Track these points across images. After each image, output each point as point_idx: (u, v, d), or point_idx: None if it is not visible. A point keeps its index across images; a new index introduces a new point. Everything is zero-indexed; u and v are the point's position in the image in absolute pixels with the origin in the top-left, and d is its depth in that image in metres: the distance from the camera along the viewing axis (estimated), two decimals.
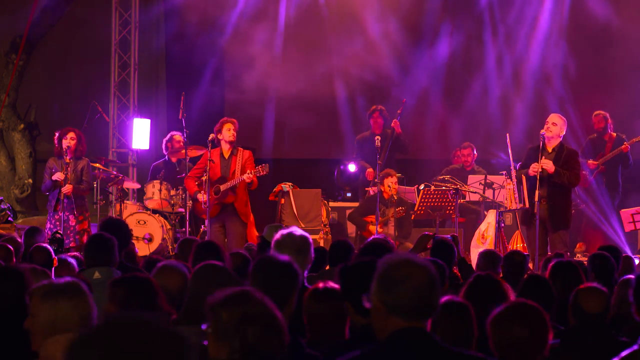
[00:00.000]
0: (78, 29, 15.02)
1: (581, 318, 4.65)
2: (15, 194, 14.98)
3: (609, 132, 12.47)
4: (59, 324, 3.51)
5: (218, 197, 10.50)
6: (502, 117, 14.03)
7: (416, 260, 2.96)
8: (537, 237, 9.65)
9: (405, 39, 14.41)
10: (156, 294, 4.31)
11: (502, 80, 14.27)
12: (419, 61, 14.49)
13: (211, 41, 14.42)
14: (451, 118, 14.40)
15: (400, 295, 2.89)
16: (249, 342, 2.95)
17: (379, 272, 2.93)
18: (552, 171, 9.66)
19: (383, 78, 14.38)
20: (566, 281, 5.47)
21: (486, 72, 14.38)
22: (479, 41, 14.39)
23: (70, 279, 3.69)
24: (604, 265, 6.41)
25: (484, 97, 14.36)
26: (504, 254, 7.56)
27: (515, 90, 14.27)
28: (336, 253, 6.34)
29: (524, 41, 14.27)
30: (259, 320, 2.97)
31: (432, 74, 14.46)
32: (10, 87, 14.52)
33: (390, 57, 14.38)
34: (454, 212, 11.02)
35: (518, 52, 14.32)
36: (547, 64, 14.29)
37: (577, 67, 14.08)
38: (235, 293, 3.02)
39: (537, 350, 3.54)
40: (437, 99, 14.45)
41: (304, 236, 5.10)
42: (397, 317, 2.90)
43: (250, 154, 10.64)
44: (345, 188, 13.30)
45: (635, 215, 11.64)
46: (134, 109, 14.55)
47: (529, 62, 14.29)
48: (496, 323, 3.57)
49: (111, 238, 5.93)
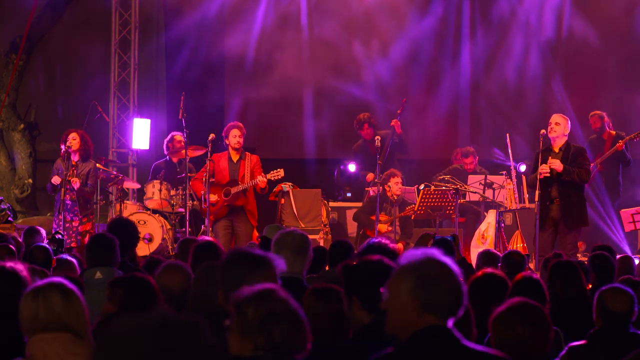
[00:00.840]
0: (78, 29, 15.02)
1: (607, 318, 4.67)
2: (15, 194, 14.98)
3: (607, 130, 12.44)
4: (41, 322, 3.48)
5: (228, 199, 10.65)
6: (502, 117, 14.01)
7: (444, 259, 2.99)
8: (537, 237, 9.64)
9: (406, 39, 14.41)
10: (155, 294, 4.31)
11: (503, 80, 14.26)
12: (420, 61, 14.49)
13: (211, 41, 14.41)
14: (452, 118, 14.40)
15: (441, 293, 2.91)
16: (275, 340, 2.98)
17: (415, 270, 2.93)
18: (560, 170, 9.66)
19: (383, 78, 14.38)
20: (566, 281, 5.47)
21: (486, 72, 14.37)
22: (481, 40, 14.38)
23: (58, 278, 3.68)
24: (604, 265, 6.41)
25: (484, 96, 14.35)
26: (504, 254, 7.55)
27: (516, 90, 14.25)
28: (336, 253, 6.34)
29: (524, 40, 14.26)
30: (284, 318, 3.00)
31: (432, 74, 14.45)
32: (10, 87, 14.52)
33: (391, 57, 14.38)
34: (454, 212, 11.01)
35: (519, 52, 14.31)
36: (547, 62, 14.29)
37: (578, 67, 14.09)
38: (260, 290, 3.04)
39: (539, 349, 3.54)
40: (438, 99, 14.44)
41: (303, 235, 5.11)
42: (431, 315, 2.91)
43: (257, 158, 10.88)
44: (345, 188, 13.30)
45: (635, 215, 11.63)
46: (134, 109, 14.55)
47: (530, 61, 14.28)
48: (498, 322, 3.57)
49: (113, 238, 5.93)
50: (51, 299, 3.50)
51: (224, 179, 10.78)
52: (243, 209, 10.80)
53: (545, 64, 14.25)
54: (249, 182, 10.67)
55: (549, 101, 13.77)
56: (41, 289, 3.52)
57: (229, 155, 10.85)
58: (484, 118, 14.29)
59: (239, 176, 10.75)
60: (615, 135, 12.32)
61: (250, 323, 2.99)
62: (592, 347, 4.54)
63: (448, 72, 14.46)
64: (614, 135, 12.32)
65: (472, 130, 14.09)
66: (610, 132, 12.41)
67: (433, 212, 11.29)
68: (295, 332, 3.00)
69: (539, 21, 14.20)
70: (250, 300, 3.01)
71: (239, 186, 10.68)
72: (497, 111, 14.13)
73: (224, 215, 10.78)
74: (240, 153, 10.86)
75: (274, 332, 2.97)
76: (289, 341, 2.99)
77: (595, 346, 4.55)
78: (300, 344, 3.02)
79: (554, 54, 14.23)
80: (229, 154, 10.85)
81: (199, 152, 11.76)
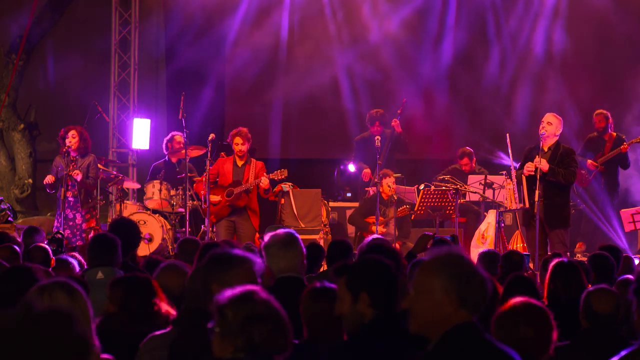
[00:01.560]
0: (78, 29, 15.02)
1: (592, 319, 4.65)
2: (15, 194, 14.98)
3: (609, 131, 12.42)
4: None
5: (230, 199, 10.69)
6: (502, 117, 14.01)
7: (466, 254, 3.06)
8: (537, 237, 9.65)
9: (407, 39, 14.42)
10: (154, 293, 4.31)
11: (503, 79, 14.26)
12: (421, 61, 14.49)
13: (211, 40, 14.41)
14: (452, 118, 14.40)
15: (475, 288, 2.95)
16: (254, 341, 2.98)
17: (446, 266, 2.96)
18: (546, 170, 9.67)
19: (383, 78, 14.38)
20: (567, 281, 5.47)
21: (487, 71, 14.36)
22: (482, 40, 14.38)
23: (63, 277, 3.69)
24: (604, 265, 6.41)
25: (484, 97, 14.35)
26: (504, 254, 7.56)
27: (516, 90, 14.25)
28: (335, 253, 6.34)
29: (525, 39, 14.27)
30: (264, 320, 3.00)
31: (432, 72, 14.45)
32: (10, 87, 14.53)
33: (392, 57, 14.38)
34: (454, 212, 11.01)
35: (520, 50, 14.31)
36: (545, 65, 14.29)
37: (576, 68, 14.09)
38: (241, 292, 3.04)
39: (542, 350, 3.54)
40: (438, 99, 14.44)
41: (289, 232, 5.13)
42: (465, 310, 2.94)
43: (262, 165, 10.97)
44: (345, 188, 13.30)
45: (635, 215, 11.63)
46: (134, 109, 14.55)
47: (529, 62, 14.29)
48: (501, 322, 3.57)
49: (115, 238, 5.93)
50: (57, 298, 3.52)
51: (227, 181, 10.87)
52: (245, 210, 10.85)
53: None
54: (252, 182, 10.72)
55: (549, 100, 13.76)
56: (47, 287, 3.54)
57: (234, 159, 10.95)
58: (485, 118, 14.28)
59: (244, 179, 10.83)
60: (616, 136, 12.28)
61: (230, 325, 3.00)
62: (575, 348, 4.53)
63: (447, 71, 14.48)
64: (614, 137, 12.30)
65: (473, 130, 14.08)
66: (611, 134, 12.39)
67: (433, 212, 11.29)
68: (275, 333, 3.00)
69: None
70: (231, 302, 3.01)
71: (242, 186, 10.73)
72: (497, 111, 14.13)
73: (225, 215, 10.84)
74: (245, 159, 10.94)
75: (254, 334, 2.97)
76: (269, 343, 2.98)
77: (579, 347, 4.53)
78: (281, 346, 3.02)
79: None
80: (234, 159, 10.95)
81: (199, 152, 11.77)
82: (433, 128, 14.22)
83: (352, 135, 13.48)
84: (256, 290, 3.07)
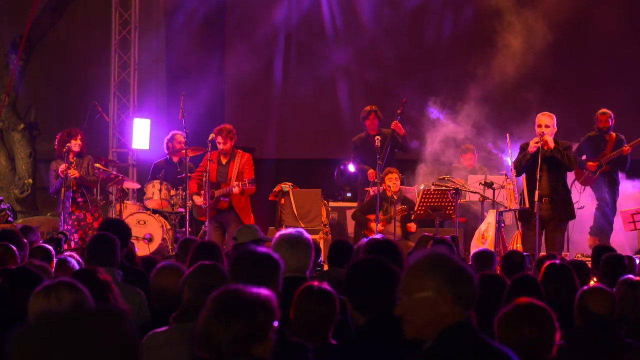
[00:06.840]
0: (78, 29, 15.02)
1: (587, 319, 4.63)
2: (15, 194, 14.98)
3: (611, 132, 12.36)
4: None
5: (212, 202, 10.67)
6: (503, 116, 14.00)
7: (451, 253, 3.05)
8: (537, 237, 9.65)
9: (407, 39, 14.42)
10: (109, 290, 4.33)
11: (503, 79, 14.25)
12: (420, 61, 14.49)
13: (212, 40, 14.41)
14: (453, 118, 14.39)
15: (466, 285, 2.93)
16: (232, 336, 2.94)
17: (435, 266, 2.93)
18: (552, 145, 9.75)
19: (383, 78, 14.38)
20: (558, 283, 5.46)
21: (487, 71, 14.36)
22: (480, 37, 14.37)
23: (67, 277, 3.70)
24: (615, 265, 6.39)
25: (485, 96, 14.34)
26: (504, 254, 7.55)
27: (516, 90, 14.24)
28: (336, 253, 6.32)
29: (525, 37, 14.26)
30: (239, 317, 2.96)
31: (432, 73, 14.45)
32: (10, 87, 14.53)
33: (392, 57, 14.38)
34: (454, 212, 11.01)
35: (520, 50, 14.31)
36: (547, 61, 14.29)
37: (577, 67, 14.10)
38: (220, 292, 3.04)
39: (545, 350, 3.54)
40: (438, 99, 14.43)
41: (298, 231, 5.10)
42: (460, 308, 2.92)
43: (249, 157, 10.81)
44: (345, 188, 13.29)
45: (635, 215, 11.62)
46: (134, 109, 14.55)
47: (529, 60, 14.28)
48: (504, 322, 3.57)
49: (114, 238, 5.95)
50: (63, 297, 3.53)
51: (212, 181, 10.78)
52: (232, 210, 10.75)
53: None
54: (226, 189, 10.63)
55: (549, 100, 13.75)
56: (53, 287, 3.55)
57: (219, 157, 10.87)
58: (485, 118, 14.27)
59: (228, 178, 10.76)
60: (617, 137, 12.22)
61: (206, 327, 3.01)
62: (568, 347, 4.51)
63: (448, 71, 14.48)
64: (615, 137, 12.24)
65: (474, 130, 14.07)
66: (611, 134, 12.33)
67: (433, 212, 11.28)
68: (253, 326, 2.97)
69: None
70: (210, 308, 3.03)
71: (220, 190, 10.69)
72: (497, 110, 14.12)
73: (212, 217, 10.79)
74: (229, 155, 10.84)
75: (231, 327, 2.95)
76: (245, 336, 2.95)
77: (573, 346, 4.51)
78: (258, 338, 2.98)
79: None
80: (219, 157, 10.88)
81: (199, 152, 11.76)
82: (435, 128, 14.20)
83: (352, 135, 13.47)
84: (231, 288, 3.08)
